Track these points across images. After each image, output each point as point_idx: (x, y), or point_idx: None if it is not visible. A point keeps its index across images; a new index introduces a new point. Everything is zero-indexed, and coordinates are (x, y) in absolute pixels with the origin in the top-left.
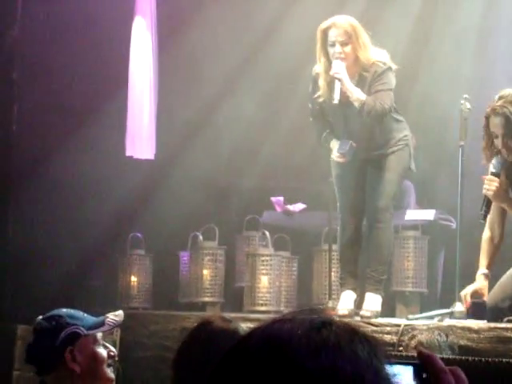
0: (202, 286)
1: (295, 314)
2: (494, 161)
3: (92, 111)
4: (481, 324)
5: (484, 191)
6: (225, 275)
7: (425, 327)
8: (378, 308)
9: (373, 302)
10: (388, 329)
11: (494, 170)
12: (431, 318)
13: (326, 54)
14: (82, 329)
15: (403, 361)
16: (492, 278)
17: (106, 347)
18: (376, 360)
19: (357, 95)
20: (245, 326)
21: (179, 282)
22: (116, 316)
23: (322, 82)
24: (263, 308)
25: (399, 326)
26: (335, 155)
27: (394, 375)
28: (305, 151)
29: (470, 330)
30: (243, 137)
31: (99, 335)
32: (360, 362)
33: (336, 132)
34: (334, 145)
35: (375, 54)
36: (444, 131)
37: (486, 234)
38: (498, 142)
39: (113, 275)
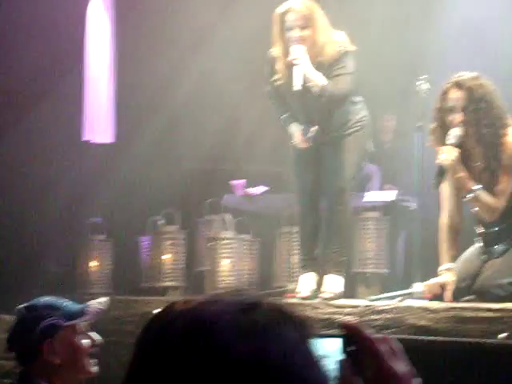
0: (163, 270)
1: (223, 296)
2: (452, 132)
3: (47, 93)
4: (439, 304)
5: (439, 160)
6: (186, 259)
7: (384, 308)
8: (340, 289)
9: (334, 283)
10: (348, 310)
11: (453, 141)
12: (392, 298)
13: (284, 39)
14: (60, 320)
15: (331, 334)
16: None
17: (88, 337)
18: (305, 342)
19: (316, 80)
20: None
21: (140, 266)
22: (100, 303)
23: (279, 66)
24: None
25: (359, 306)
26: (297, 139)
27: (324, 356)
28: (266, 133)
29: (427, 310)
30: (204, 120)
31: (81, 325)
32: (289, 345)
33: (295, 114)
34: (294, 129)
35: (334, 37)
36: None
37: (446, 221)
38: (457, 117)
39: (73, 261)
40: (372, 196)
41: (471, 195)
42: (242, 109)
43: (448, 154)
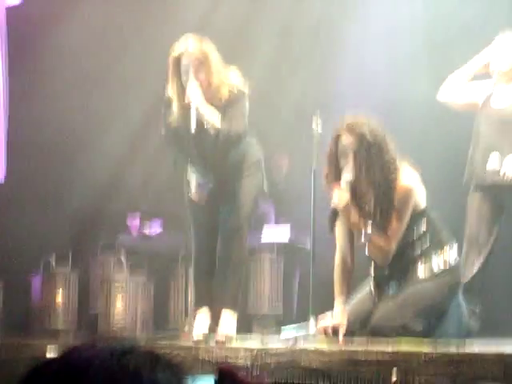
0: (54, 312)
1: (97, 342)
2: (344, 177)
3: None
4: (332, 347)
5: (332, 204)
6: (79, 301)
7: (278, 351)
8: (233, 331)
9: (227, 325)
10: (242, 354)
11: (343, 186)
12: (288, 337)
13: (179, 80)
14: None
15: (206, 376)
16: None
17: None
18: None
19: (212, 121)
20: None
21: (31, 308)
22: None
23: (175, 108)
24: (118, 334)
25: (253, 350)
26: (194, 195)
27: None
28: (161, 173)
29: (321, 353)
30: (100, 160)
31: None
32: None
33: (191, 158)
34: (192, 178)
35: (228, 78)
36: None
37: (338, 262)
38: (349, 161)
39: None
40: (268, 236)
41: (364, 240)
42: (137, 147)
43: (340, 198)
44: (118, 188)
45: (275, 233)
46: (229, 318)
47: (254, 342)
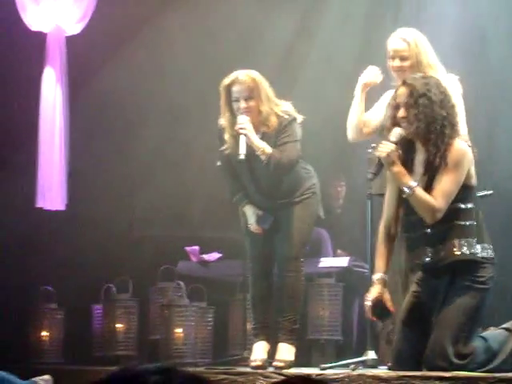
0: (115, 339)
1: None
2: (394, 130)
3: (1, 162)
4: (390, 373)
5: (377, 153)
6: (139, 328)
7: (335, 376)
8: (291, 358)
9: (286, 352)
10: None
11: (393, 139)
12: (344, 366)
13: (231, 109)
14: None
15: None
16: None
17: None
18: None
19: (262, 149)
20: None
21: (92, 335)
22: (45, 381)
23: (227, 136)
24: (179, 360)
25: (311, 375)
26: (252, 226)
27: None
28: (219, 200)
29: (379, 378)
30: (158, 185)
31: None
32: None
33: (246, 188)
34: (250, 214)
35: (279, 107)
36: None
37: (383, 233)
38: (401, 113)
39: (24, 330)
40: (326, 262)
41: (408, 191)
42: (196, 175)
43: (384, 148)
44: (178, 215)
45: (334, 260)
46: (286, 347)
47: (311, 368)
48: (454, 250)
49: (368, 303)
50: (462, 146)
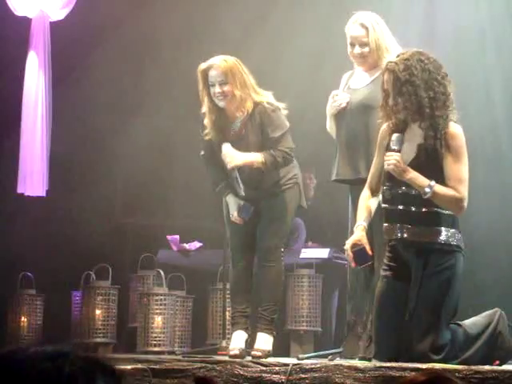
0: (94, 326)
1: (34, 345)
2: (393, 137)
3: None
4: (367, 363)
5: (385, 167)
6: (118, 315)
7: (312, 366)
8: (270, 348)
9: (264, 341)
10: (277, 369)
11: (394, 147)
12: (322, 357)
13: (208, 94)
14: None
15: None
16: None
17: None
18: None
19: (254, 160)
20: (130, 367)
21: (71, 322)
22: None
23: (206, 121)
24: (157, 348)
25: (288, 365)
26: (234, 217)
27: None
28: (200, 189)
29: (356, 369)
30: (138, 175)
31: None
32: None
33: (230, 182)
34: (232, 204)
35: (259, 96)
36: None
37: (366, 192)
38: (390, 101)
39: (2, 316)
40: (306, 253)
41: (429, 191)
42: (178, 162)
43: (391, 159)
44: (159, 204)
45: (315, 251)
46: (265, 337)
47: (289, 358)
48: (431, 235)
49: (348, 251)
50: (458, 130)
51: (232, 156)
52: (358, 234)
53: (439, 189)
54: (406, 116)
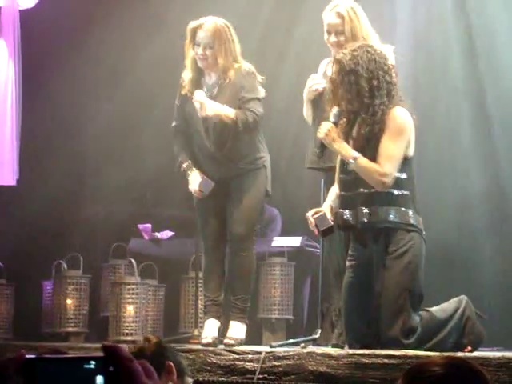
0: (65, 315)
1: None
2: (334, 110)
3: None
4: (340, 351)
5: (318, 134)
6: (90, 305)
7: (285, 354)
8: (242, 336)
9: (237, 330)
10: (250, 356)
11: (332, 120)
12: (295, 344)
13: (193, 51)
14: None
15: (91, 356)
16: None
17: None
18: None
19: (225, 113)
20: None
21: (42, 311)
22: None
23: (185, 73)
24: (129, 338)
25: (261, 353)
26: (193, 190)
27: None
28: (172, 177)
29: (328, 356)
30: (108, 162)
31: None
32: None
33: (195, 154)
34: (194, 176)
35: (240, 64)
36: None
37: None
38: (334, 90)
39: None
40: (278, 241)
41: (353, 162)
42: (149, 152)
43: (323, 128)
44: (130, 192)
45: (287, 239)
46: (237, 325)
47: (262, 346)
48: (387, 216)
49: (310, 218)
50: (402, 113)
51: (204, 103)
52: (322, 207)
53: (363, 161)
54: (347, 104)
